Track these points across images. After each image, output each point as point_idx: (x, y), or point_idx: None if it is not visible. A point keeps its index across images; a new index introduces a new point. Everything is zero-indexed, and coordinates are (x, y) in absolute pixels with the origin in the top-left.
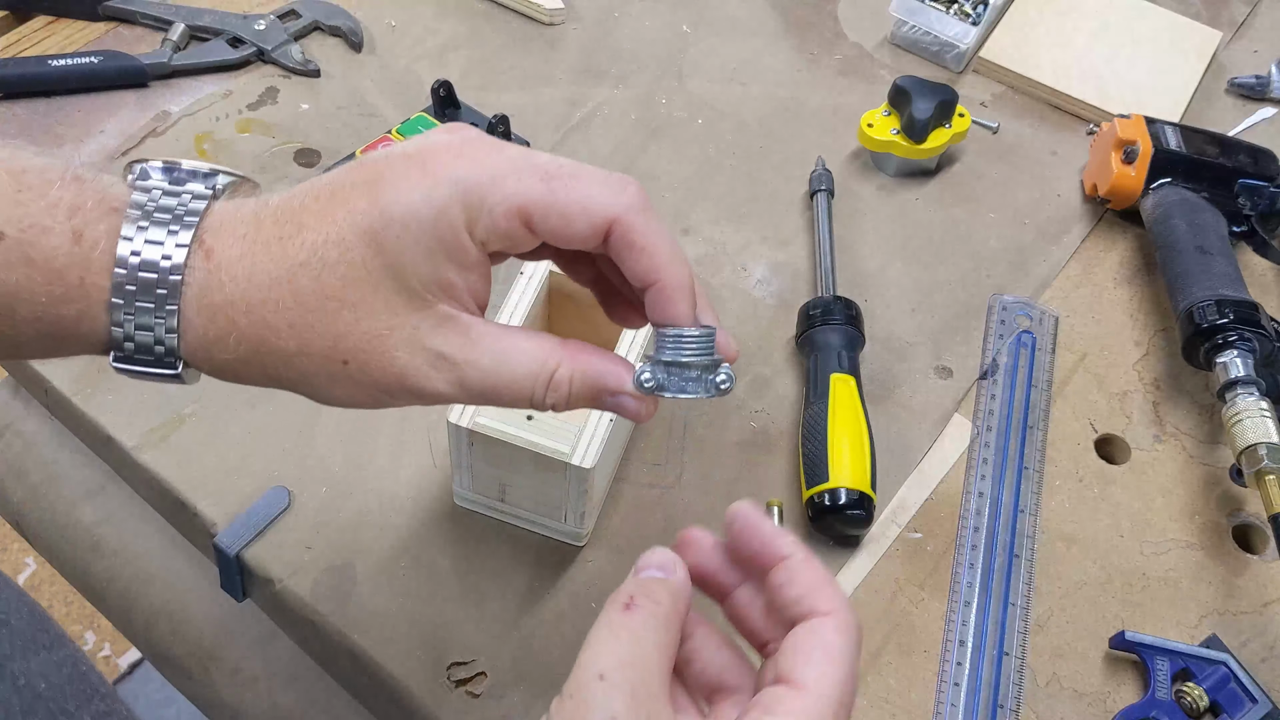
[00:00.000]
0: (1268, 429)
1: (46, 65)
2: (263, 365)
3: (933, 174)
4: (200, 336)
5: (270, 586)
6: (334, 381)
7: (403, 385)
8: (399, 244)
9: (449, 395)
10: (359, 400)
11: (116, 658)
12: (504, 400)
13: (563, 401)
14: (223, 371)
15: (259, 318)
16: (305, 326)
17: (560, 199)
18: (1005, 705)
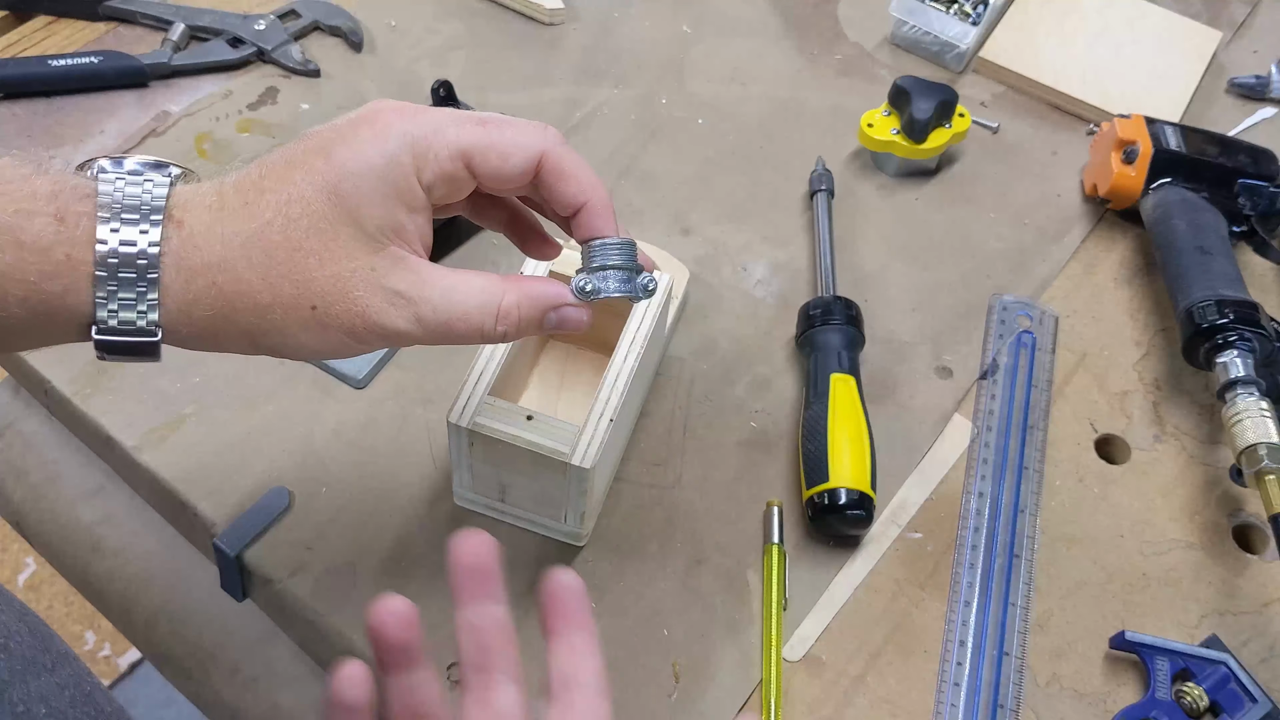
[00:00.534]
0: (1268, 429)
1: (46, 65)
2: (238, 323)
3: (933, 174)
4: (180, 298)
5: (270, 586)
6: (304, 328)
7: (365, 324)
8: (356, 192)
9: (407, 332)
10: (329, 346)
11: (116, 658)
12: (458, 333)
13: (513, 328)
14: (201, 335)
15: (234, 274)
16: (277, 277)
17: (496, 140)
18: (1005, 705)
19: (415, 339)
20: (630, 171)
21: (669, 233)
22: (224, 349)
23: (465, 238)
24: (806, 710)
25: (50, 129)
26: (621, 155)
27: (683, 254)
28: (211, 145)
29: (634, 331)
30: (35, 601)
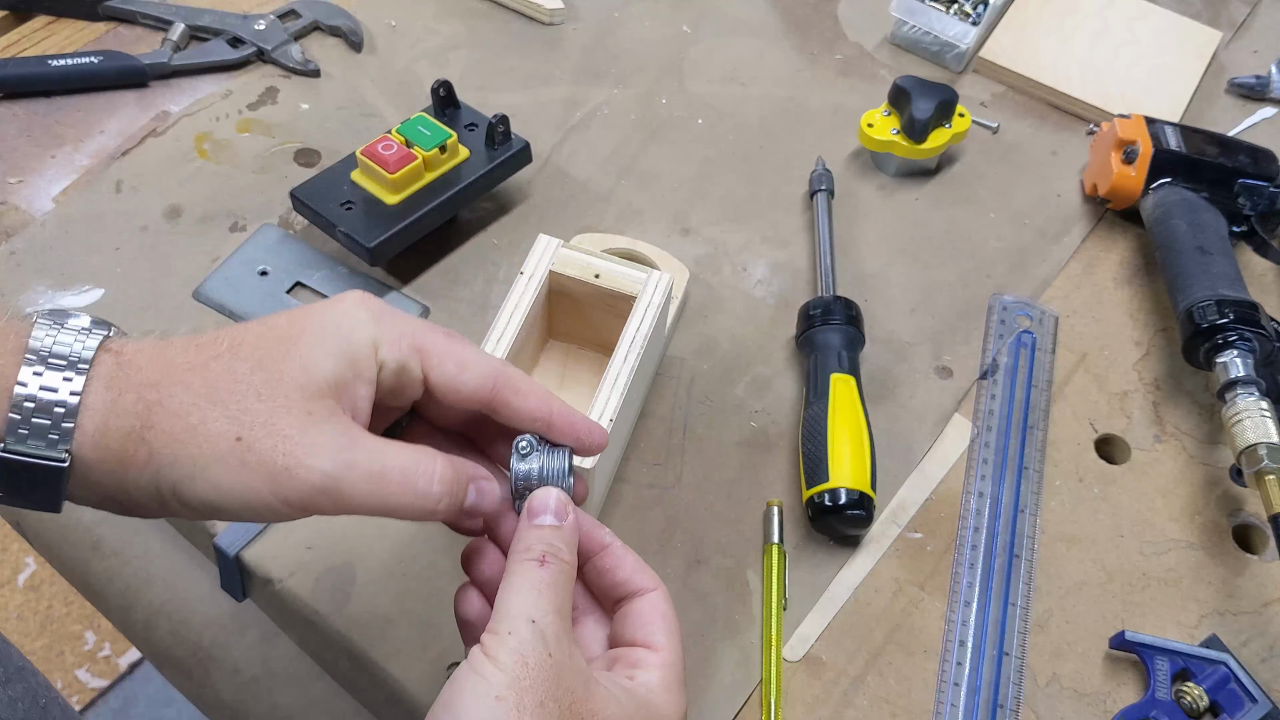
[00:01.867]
0: (1268, 429)
1: (46, 65)
2: (151, 445)
3: (933, 174)
4: (100, 403)
5: (270, 586)
6: (221, 462)
7: (290, 463)
8: (311, 342)
9: (337, 476)
10: (238, 492)
11: (116, 658)
12: (391, 487)
13: (448, 490)
14: (109, 462)
15: (165, 393)
16: (208, 402)
17: (458, 350)
18: (1005, 705)
19: (343, 490)
20: (630, 171)
21: (669, 233)
22: (126, 493)
23: (465, 238)
24: (806, 710)
25: (50, 129)
26: (621, 155)
27: (683, 254)
28: (211, 145)
29: (634, 331)
30: (35, 601)
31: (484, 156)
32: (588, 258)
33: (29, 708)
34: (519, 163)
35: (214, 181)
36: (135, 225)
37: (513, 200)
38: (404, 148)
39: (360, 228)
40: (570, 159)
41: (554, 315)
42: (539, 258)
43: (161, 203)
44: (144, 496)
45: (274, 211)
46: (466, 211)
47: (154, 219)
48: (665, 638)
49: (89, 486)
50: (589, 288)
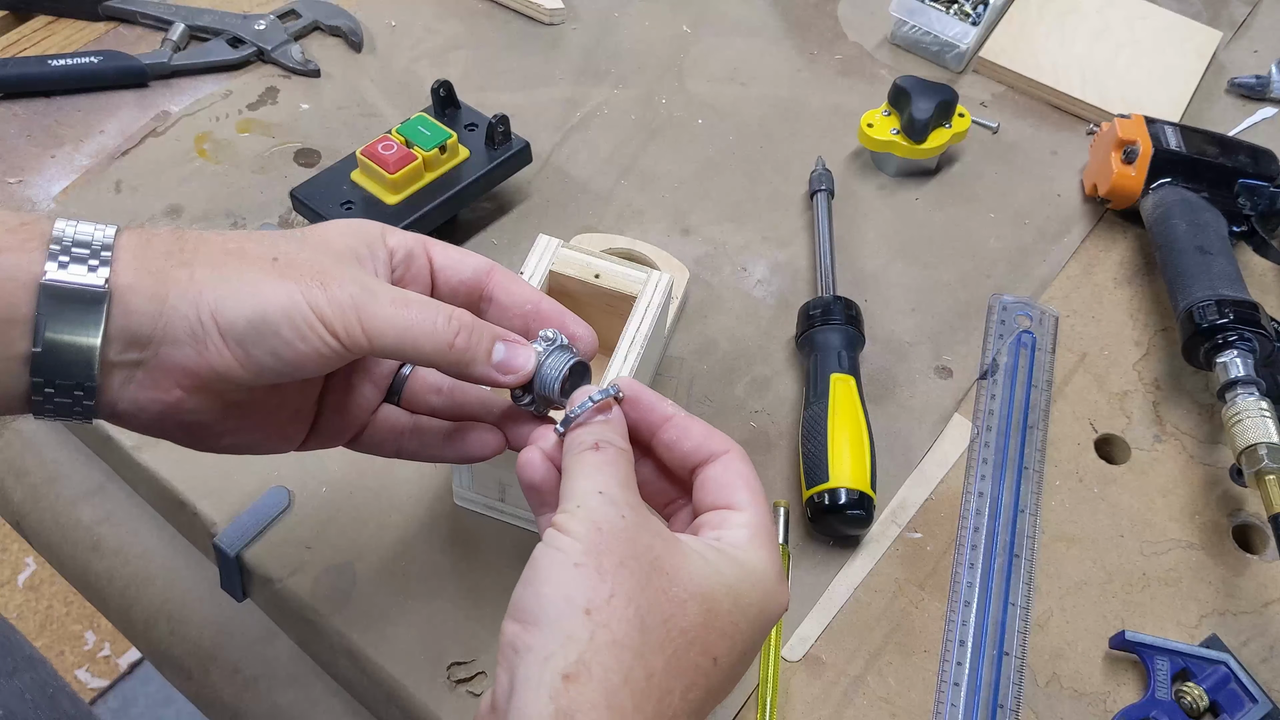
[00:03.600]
0: (1268, 429)
1: (46, 65)
2: (194, 269)
3: (933, 174)
4: (134, 240)
5: (270, 586)
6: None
7: (322, 280)
8: (325, 229)
9: (361, 301)
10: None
11: (116, 658)
12: (413, 315)
13: (466, 330)
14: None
15: (198, 238)
16: (243, 238)
17: (454, 247)
18: (1005, 705)
19: (367, 317)
20: (630, 171)
21: (669, 233)
22: (163, 322)
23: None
24: (806, 710)
25: (50, 129)
26: (621, 155)
27: (683, 254)
28: (211, 145)
29: (634, 331)
30: (35, 601)
31: (484, 156)
32: (588, 258)
33: (37, 697)
34: (519, 163)
35: (214, 181)
36: (135, 225)
37: (513, 200)
38: (404, 148)
39: None
40: (570, 159)
41: None
42: (539, 258)
43: (161, 203)
44: (181, 326)
45: (274, 211)
46: (466, 211)
47: (154, 219)
48: (748, 495)
49: (130, 322)
50: (589, 288)
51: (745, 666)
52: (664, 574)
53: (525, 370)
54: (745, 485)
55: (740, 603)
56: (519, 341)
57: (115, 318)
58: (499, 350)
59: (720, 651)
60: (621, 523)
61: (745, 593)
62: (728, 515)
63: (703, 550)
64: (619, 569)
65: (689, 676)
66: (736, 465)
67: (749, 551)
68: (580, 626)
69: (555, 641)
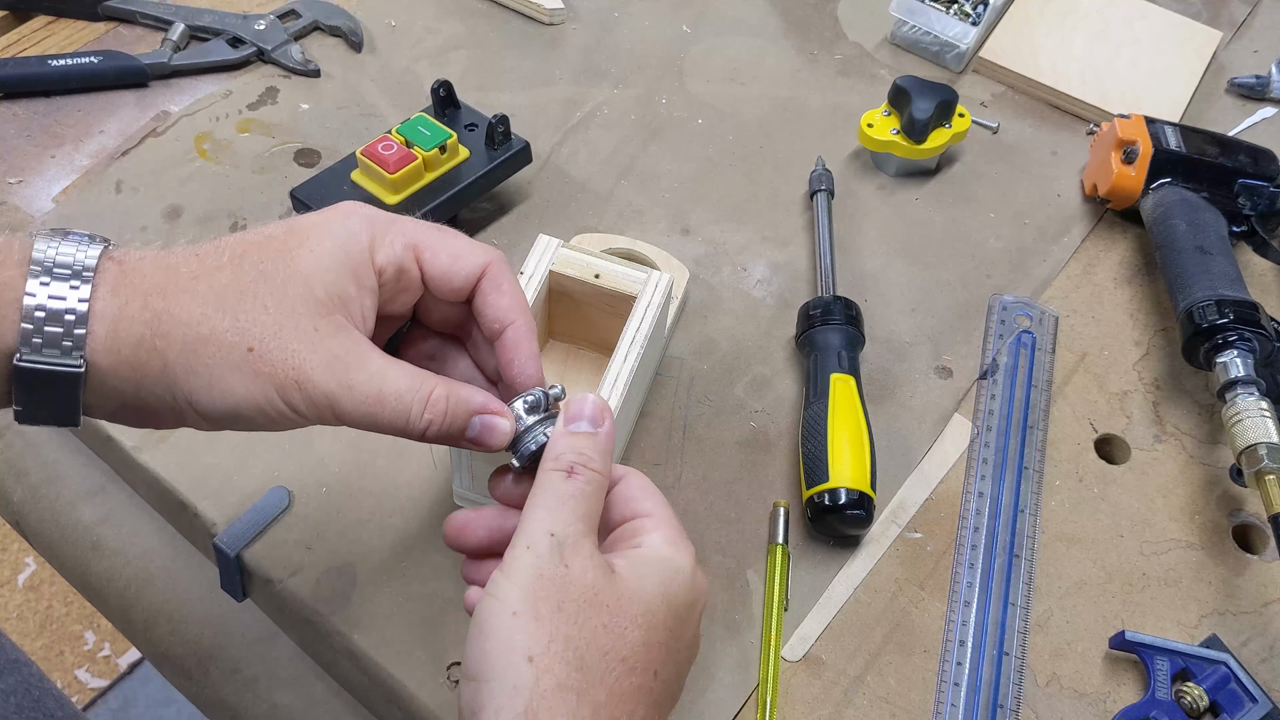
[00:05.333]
0: (1268, 429)
1: (46, 65)
2: (165, 355)
3: (933, 174)
4: (109, 310)
5: (270, 586)
6: (236, 370)
7: (298, 378)
8: (310, 255)
9: (335, 397)
10: (251, 400)
11: (116, 658)
12: (386, 410)
13: (438, 419)
14: (123, 370)
15: (173, 301)
16: (218, 311)
17: (450, 242)
18: (1005, 705)
19: (341, 410)
20: (630, 171)
21: (669, 233)
22: (142, 401)
23: None
24: (806, 710)
25: (50, 129)
26: (621, 155)
27: (683, 254)
28: (211, 145)
29: (634, 331)
30: (35, 601)
31: (484, 156)
32: (588, 258)
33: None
34: (519, 163)
35: (214, 181)
36: (135, 225)
37: (513, 200)
38: (404, 148)
39: None
40: (570, 159)
41: (554, 315)
42: (539, 258)
43: (161, 203)
44: (160, 406)
45: (274, 211)
46: (466, 211)
47: (154, 219)
48: (653, 503)
49: (105, 394)
50: (589, 288)
51: (688, 665)
52: (603, 608)
53: (498, 446)
54: (650, 495)
55: (673, 604)
56: (497, 412)
57: (91, 385)
58: (474, 426)
59: (659, 663)
60: (563, 571)
61: (676, 592)
62: (642, 523)
63: (634, 566)
64: (556, 614)
65: (632, 700)
66: (638, 481)
67: (669, 550)
68: (525, 675)
69: (504, 694)
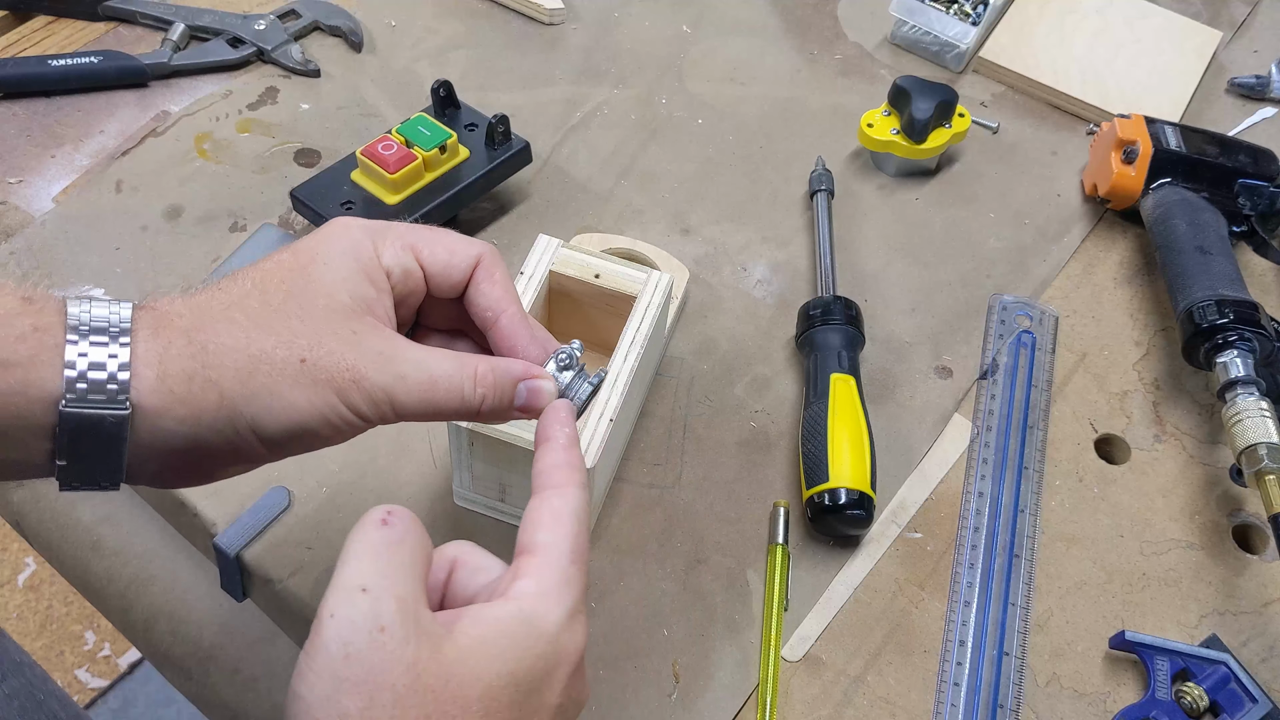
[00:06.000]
0: (1268, 429)
1: (46, 65)
2: (220, 385)
3: (933, 174)
4: (153, 357)
5: (270, 586)
6: (295, 384)
7: (355, 379)
8: (326, 268)
9: (393, 389)
10: (315, 410)
11: (116, 658)
12: (440, 395)
13: (490, 392)
14: (177, 408)
15: (213, 334)
16: (260, 333)
17: (443, 238)
18: (1005, 705)
19: (399, 402)
20: (630, 171)
21: (669, 233)
22: (197, 442)
23: None
24: (806, 710)
25: (50, 129)
26: (621, 155)
27: (683, 254)
28: (211, 145)
29: (634, 331)
30: (35, 601)
31: (484, 156)
32: (588, 258)
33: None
34: (519, 163)
35: (214, 181)
36: (135, 225)
37: (513, 200)
38: (404, 148)
39: None
40: (570, 159)
41: (554, 315)
42: (539, 258)
43: (161, 203)
44: (218, 441)
45: (274, 211)
46: (466, 211)
47: (154, 219)
48: (549, 534)
49: (157, 442)
50: (589, 288)
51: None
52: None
53: (545, 405)
54: (552, 523)
55: (525, 677)
56: (538, 375)
57: (141, 434)
58: (520, 395)
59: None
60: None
61: (530, 663)
62: (520, 564)
63: (479, 630)
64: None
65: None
66: (553, 501)
67: (535, 603)
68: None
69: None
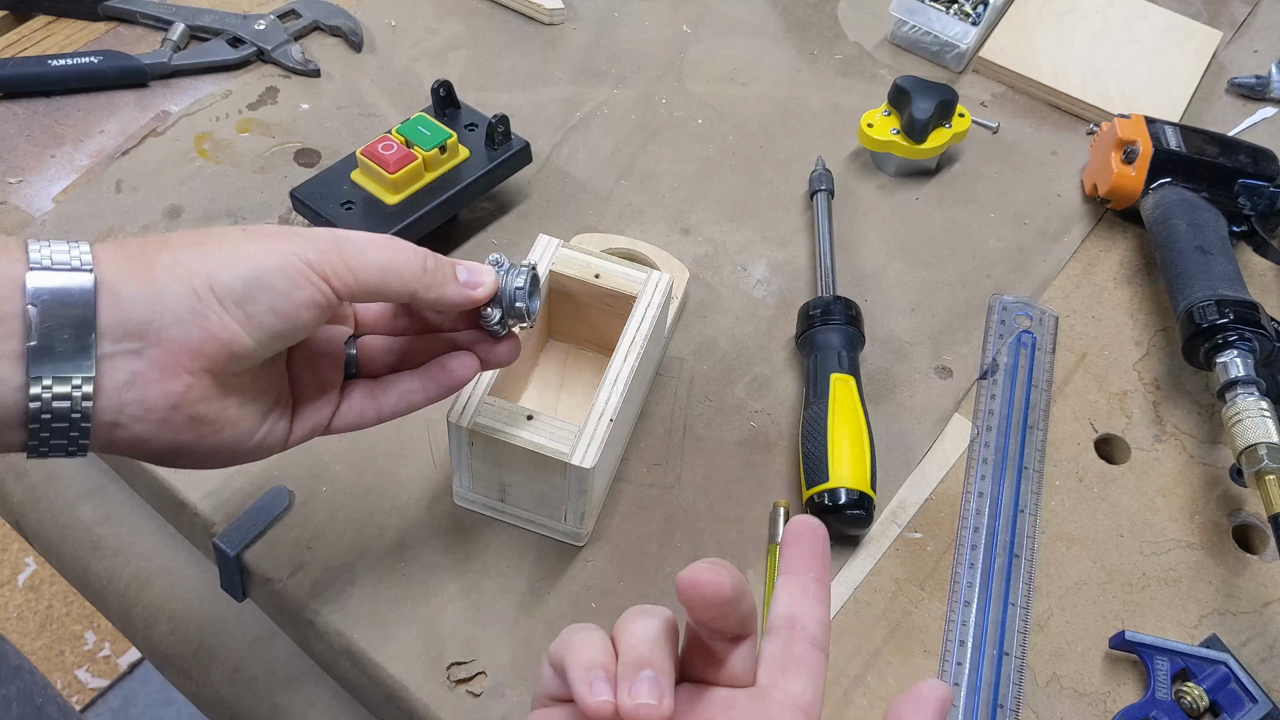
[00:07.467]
0: (1268, 429)
1: (46, 65)
2: (172, 251)
3: (933, 174)
4: (110, 246)
5: (270, 586)
6: (244, 238)
7: (299, 234)
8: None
9: (339, 240)
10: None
11: (116, 657)
12: (385, 251)
13: (431, 259)
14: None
15: (164, 234)
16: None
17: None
18: (1005, 705)
19: (347, 254)
20: (630, 171)
21: (669, 233)
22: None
23: (465, 238)
24: None
25: (50, 129)
26: (621, 155)
27: (683, 254)
28: (211, 145)
29: (634, 331)
30: (35, 601)
31: (484, 156)
32: (588, 258)
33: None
34: (519, 163)
35: (214, 181)
36: (135, 225)
37: (513, 200)
38: (404, 148)
39: (360, 228)
40: (570, 159)
41: (554, 315)
42: (539, 258)
43: (161, 203)
44: (178, 303)
45: (274, 211)
46: (466, 211)
47: (154, 219)
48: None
49: (120, 305)
50: (589, 288)
51: None
52: None
53: (490, 281)
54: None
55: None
56: (476, 264)
57: (106, 307)
58: (462, 271)
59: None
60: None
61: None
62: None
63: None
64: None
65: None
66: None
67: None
68: None
69: None
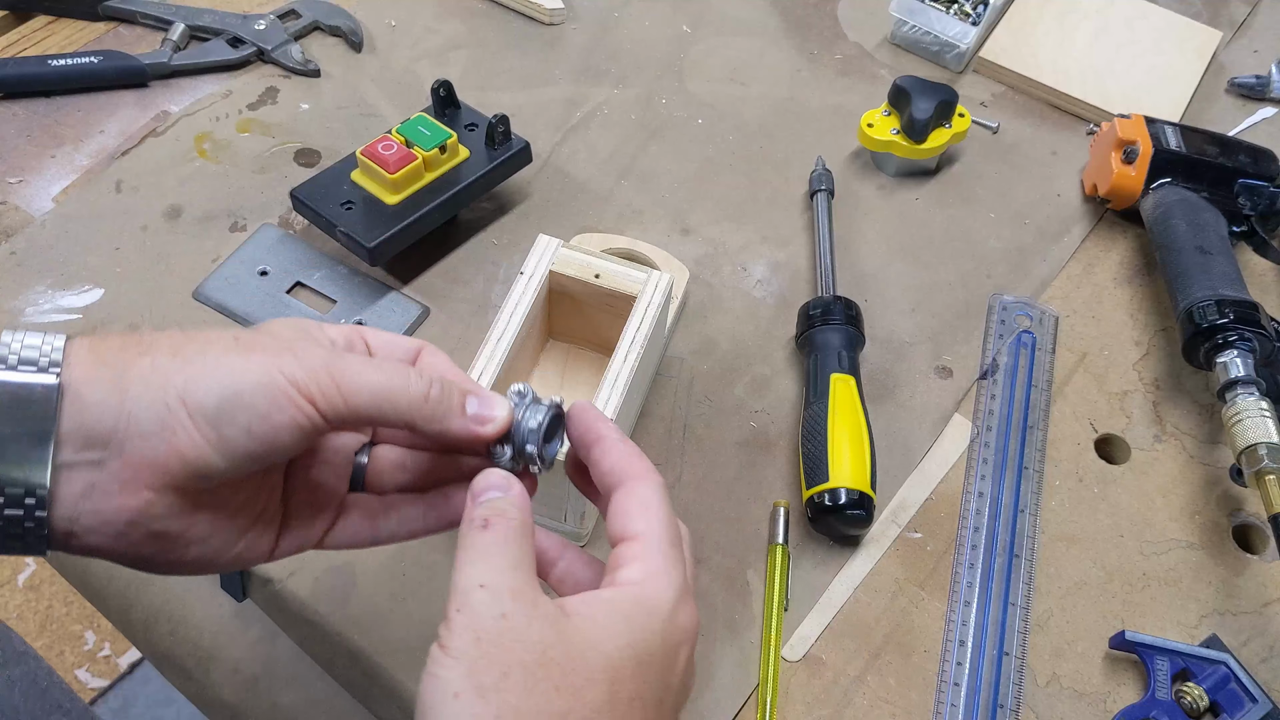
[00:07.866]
0: (1268, 429)
1: (46, 65)
2: (152, 356)
3: (933, 174)
4: (84, 345)
5: (270, 586)
6: (227, 351)
7: (291, 351)
8: (271, 324)
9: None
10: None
11: (117, 658)
12: (382, 375)
13: (437, 389)
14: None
15: (152, 333)
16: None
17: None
18: (1005, 705)
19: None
20: (630, 171)
21: (669, 233)
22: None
23: (465, 238)
24: (806, 710)
25: (50, 129)
26: (621, 155)
27: (683, 254)
28: (211, 145)
29: (634, 331)
30: (35, 601)
31: (484, 156)
32: (588, 258)
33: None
34: (519, 163)
35: (214, 181)
36: (135, 225)
37: (513, 200)
38: (404, 148)
39: (360, 228)
40: (570, 159)
41: (554, 315)
42: (539, 258)
43: (161, 203)
44: (146, 415)
45: (274, 211)
46: (466, 211)
47: (154, 219)
48: (646, 523)
49: (85, 412)
50: (589, 288)
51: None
52: (553, 666)
53: (502, 417)
54: (643, 511)
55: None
56: (492, 394)
57: (69, 415)
58: (472, 403)
59: (633, 716)
60: (502, 624)
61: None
62: (623, 551)
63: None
64: (502, 682)
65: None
66: (640, 491)
67: (641, 588)
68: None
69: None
